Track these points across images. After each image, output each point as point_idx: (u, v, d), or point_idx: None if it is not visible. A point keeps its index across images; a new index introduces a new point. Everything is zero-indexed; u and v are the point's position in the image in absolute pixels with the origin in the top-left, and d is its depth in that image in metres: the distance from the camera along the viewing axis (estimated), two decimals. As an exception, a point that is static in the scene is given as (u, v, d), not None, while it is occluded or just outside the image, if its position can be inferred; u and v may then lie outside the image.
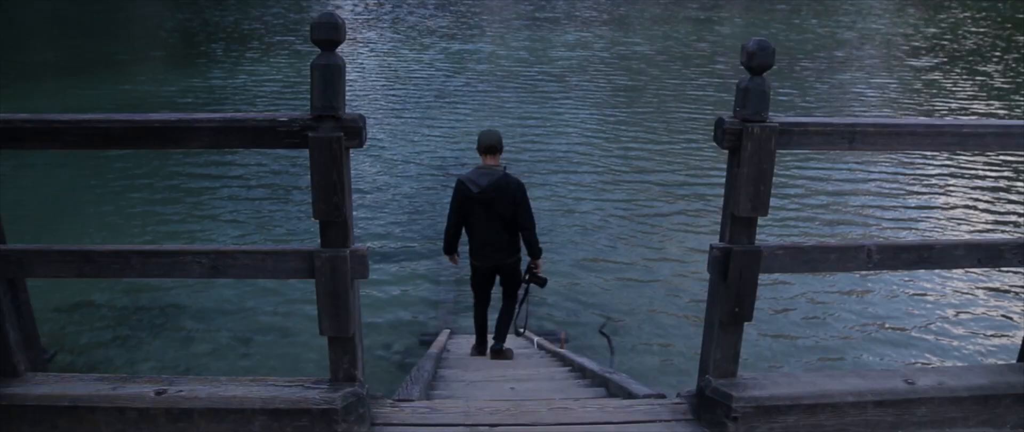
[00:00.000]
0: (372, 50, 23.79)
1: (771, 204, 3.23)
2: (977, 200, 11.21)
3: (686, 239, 9.47)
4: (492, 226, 5.43)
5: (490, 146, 5.39)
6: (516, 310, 6.07)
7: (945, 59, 24.91)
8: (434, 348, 6.30)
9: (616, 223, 10.05)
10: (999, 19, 38.76)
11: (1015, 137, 3.27)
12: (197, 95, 17.64)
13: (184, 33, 28.74)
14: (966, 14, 41.55)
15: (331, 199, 2.72)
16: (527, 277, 5.78)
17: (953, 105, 17.88)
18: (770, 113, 2.97)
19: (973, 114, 17.19)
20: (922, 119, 4.75)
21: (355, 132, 2.74)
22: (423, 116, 15.57)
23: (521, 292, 5.96)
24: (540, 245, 5.62)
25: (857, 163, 12.27)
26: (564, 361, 5.96)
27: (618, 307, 8.08)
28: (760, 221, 3.07)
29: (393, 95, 17.65)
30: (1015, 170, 12.50)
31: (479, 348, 6.24)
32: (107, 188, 11.25)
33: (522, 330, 6.51)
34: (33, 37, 28.46)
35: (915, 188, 11.72)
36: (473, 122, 14.97)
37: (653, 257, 9.09)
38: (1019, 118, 17.37)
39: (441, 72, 20.56)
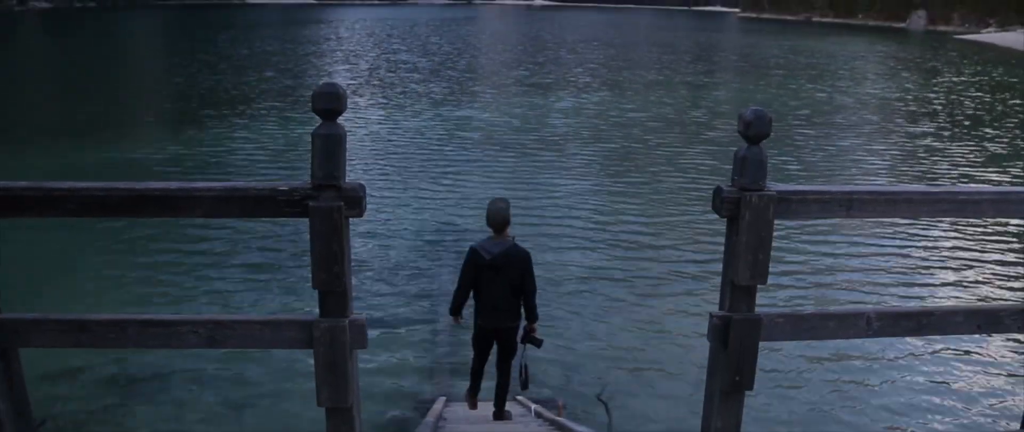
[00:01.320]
0: (365, 116, 24.00)
1: (770, 271, 3.25)
2: (975, 266, 11.22)
3: (685, 307, 9.43)
4: (500, 291, 5.86)
5: (503, 221, 5.77)
6: (515, 372, 6.29)
7: (942, 124, 25.20)
8: (430, 416, 6.27)
9: (613, 290, 10.02)
10: (993, 84, 39.34)
11: (1012, 204, 3.32)
12: (189, 159, 17.69)
13: (178, 96, 29.00)
14: (960, 78, 42.17)
15: (331, 269, 2.71)
16: (524, 338, 6.11)
17: (951, 170, 18.01)
18: (768, 181, 3.04)
19: (971, 179, 17.30)
20: (918, 186, 4.80)
21: (355, 202, 2.75)
22: (417, 183, 15.60)
23: (519, 351, 6.22)
24: (537, 311, 6.04)
25: (855, 228, 12.31)
26: (562, 429, 5.91)
27: (616, 374, 8.00)
28: (759, 287, 3.07)
29: (386, 161, 17.73)
30: (1012, 236, 12.54)
31: (472, 394, 6.55)
32: (102, 252, 11.21)
33: (523, 388, 6.56)
34: (26, 96, 28.78)
35: (913, 253, 11.74)
36: (468, 189, 15.02)
37: (652, 324, 9.04)
38: (1016, 183, 17.49)
39: (435, 138, 20.70)
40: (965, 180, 17.29)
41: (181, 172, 16.58)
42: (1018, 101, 32.32)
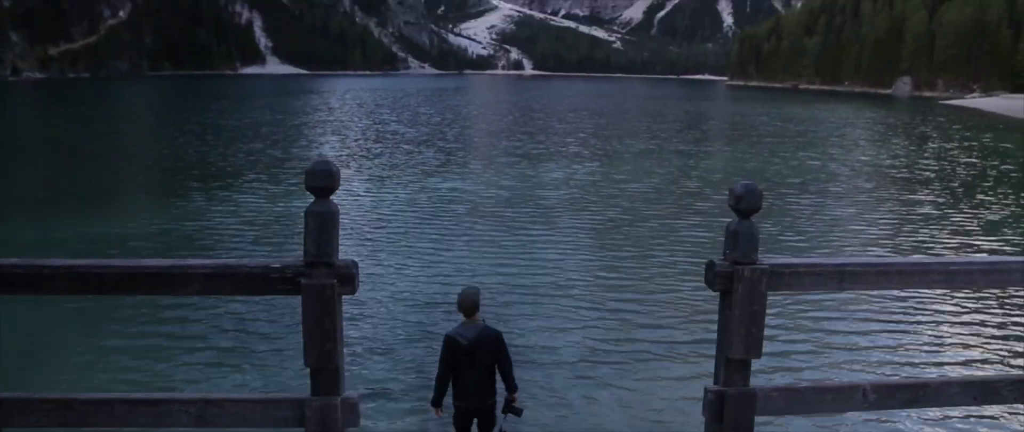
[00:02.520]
0: (353, 187, 23.95)
1: (763, 344, 3.25)
2: (970, 335, 11.13)
3: (678, 382, 9.24)
4: (478, 373, 6.21)
5: (472, 306, 6.20)
6: None
7: (935, 191, 25.22)
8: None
9: (604, 365, 9.81)
10: (983, 149, 39.82)
11: (1003, 274, 3.31)
12: (179, 232, 17.42)
13: (168, 167, 28.93)
14: (950, 144, 42.70)
15: (323, 346, 2.67)
16: (505, 408, 6.38)
17: (945, 239, 17.98)
18: (760, 255, 3.01)
19: (966, 247, 17.30)
20: (910, 258, 4.79)
21: (348, 279, 2.73)
22: (407, 256, 15.36)
23: (499, 421, 6.46)
24: (515, 382, 6.35)
25: (849, 298, 12.27)
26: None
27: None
28: (753, 361, 3.06)
29: (376, 234, 17.53)
30: (1007, 305, 12.51)
31: None
32: (90, 325, 11.09)
33: None
34: (16, 167, 28.75)
35: (907, 322, 11.64)
36: (458, 262, 14.82)
37: (644, 400, 8.82)
38: (1011, 250, 17.54)
39: (425, 210, 20.51)
40: (960, 248, 17.30)
41: (171, 246, 16.37)
42: (1008, 166, 32.50)
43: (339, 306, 2.81)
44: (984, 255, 16.55)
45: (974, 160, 34.71)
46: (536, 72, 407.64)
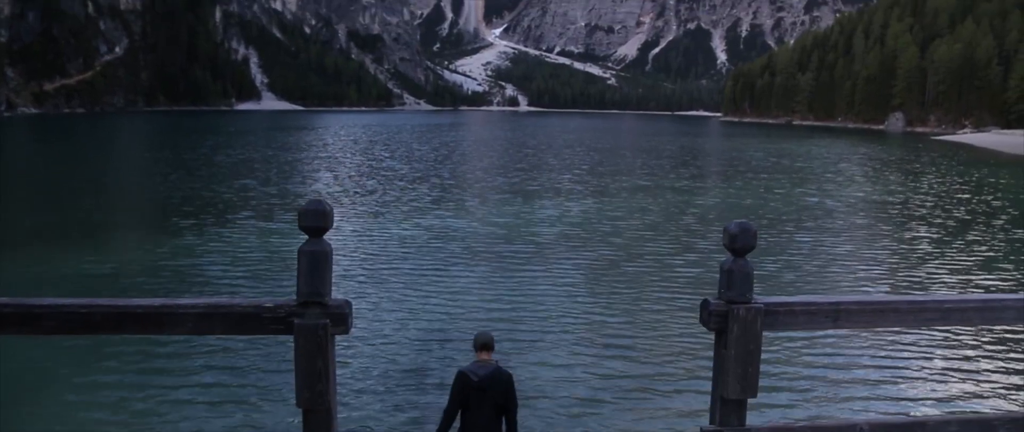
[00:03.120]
0: (347, 224, 23.89)
1: (759, 382, 3.23)
2: (967, 373, 11.08)
3: (673, 422, 9.18)
4: (485, 411, 6.25)
5: (485, 344, 6.37)
6: None
7: (931, 227, 25.21)
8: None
9: (600, 404, 9.75)
10: (977, 185, 39.93)
11: (996, 311, 3.33)
12: (169, 270, 17.23)
13: (160, 203, 28.68)
14: (944, 179, 42.84)
15: (315, 387, 2.64)
16: None
17: (941, 275, 17.95)
18: (754, 294, 3.01)
19: (960, 284, 17.27)
20: (905, 296, 4.82)
21: (341, 319, 2.72)
22: (401, 293, 15.21)
23: None
24: (518, 427, 6.42)
25: (845, 336, 12.23)
26: None
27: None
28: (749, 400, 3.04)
29: (369, 271, 17.39)
30: (1003, 342, 12.47)
31: None
32: (77, 364, 10.97)
33: None
34: (7, 202, 28.57)
35: (904, 360, 11.58)
36: (452, 300, 14.67)
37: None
38: (1006, 287, 17.49)
39: (418, 248, 20.39)
40: (955, 285, 17.25)
41: (162, 283, 16.20)
42: (1001, 202, 32.49)
43: (332, 346, 2.77)
44: (979, 292, 16.51)
45: (968, 195, 34.83)
46: (531, 108, 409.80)
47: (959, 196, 34.69)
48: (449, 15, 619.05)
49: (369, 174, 40.61)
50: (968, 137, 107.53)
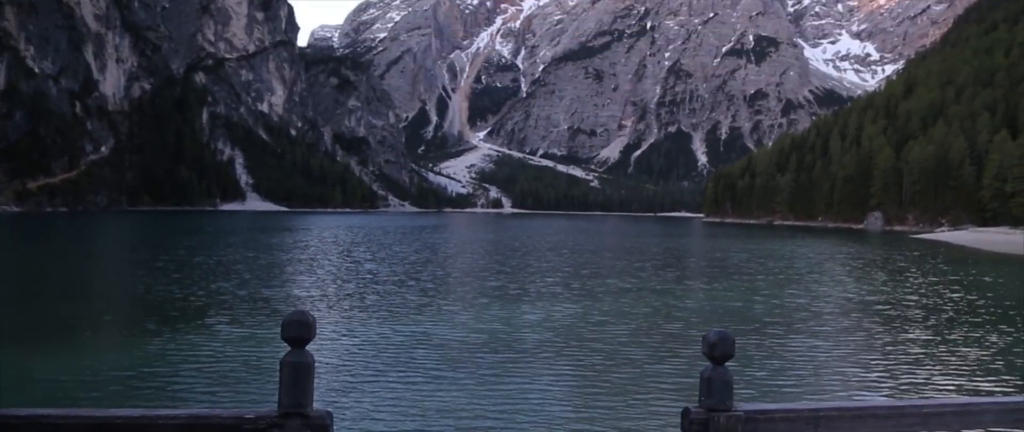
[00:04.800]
0: (324, 330, 23.46)
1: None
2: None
3: None
4: None
5: None
6: None
7: (912, 327, 25.04)
8: None
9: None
10: (958, 283, 39.97)
11: (974, 415, 3.35)
12: (146, 377, 16.74)
13: (138, 306, 28.19)
14: (926, 278, 42.89)
15: None
16: None
17: (930, 379, 17.62)
18: (735, 401, 3.07)
19: (943, 387, 16.96)
20: (885, 401, 4.58)
21: (322, 430, 2.78)
22: (381, 403, 14.77)
23: None
24: None
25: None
26: None
27: None
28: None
29: (350, 381, 17.00)
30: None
31: None
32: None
33: None
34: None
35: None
36: (434, 408, 14.28)
37: None
38: (992, 388, 17.15)
39: (398, 354, 19.82)
40: (940, 387, 16.91)
41: (140, 392, 15.67)
42: (983, 301, 32.54)
43: None
44: (956, 396, 16.20)
45: (950, 294, 34.76)
46: (515, 210, 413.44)
47: (943, 295, 34.61)
48: (434, 118, 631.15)
49: (348, 277, 40.21)
50: (946, 235, 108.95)
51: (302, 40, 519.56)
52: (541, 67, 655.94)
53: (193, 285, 34.81)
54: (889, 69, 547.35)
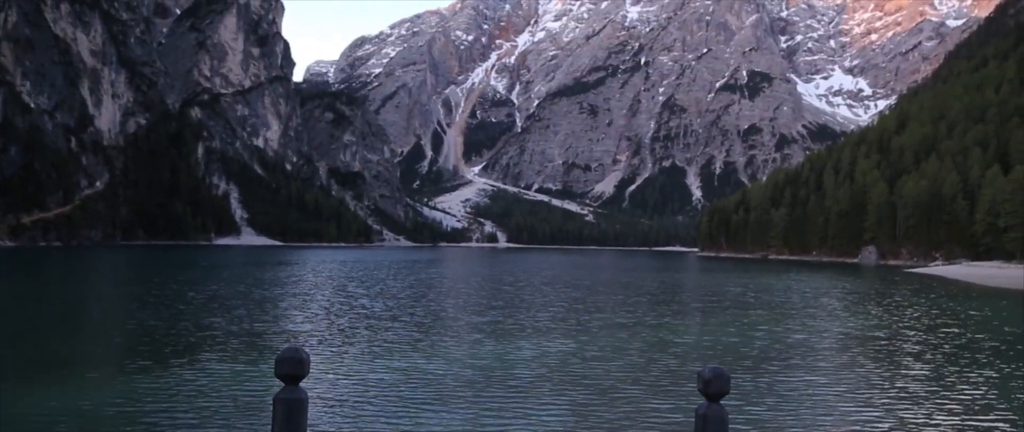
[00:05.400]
0: (318, 366, 23.19)
1: None
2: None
3: None
4: None
5: None
6: None
7: (908, 363, 24.81)
8: None
9: None
10: (954, 318, 39.71)
11: None
12: (136, 415, 16.59)
13: (129, 340, 27.78)
14: (925, 313, 42.69)
15: None
16: None
17: (920, 415, 17.45)
18: None
19: (948, 425, 16.74)
20: None
21: None
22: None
23: None
24: None
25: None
26: None
27: None
28: None
29: (343, 417, 16.85)
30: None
31: None
32: None
33: None
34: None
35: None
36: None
37: None
38: (992, 425, 16.94)
39: (392, 392, 19.55)
40: (939, 425, 16.73)
41: (133, 427, 15.60)
42: (982, 335, 32.29)
43: None
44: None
45: (948, 330, 34.56)
46: (510, 244, 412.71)
47: (941, 331, 34.42)
48: (429, 153, 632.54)
49: (341, 312, 39.89)
50: (940, 269, 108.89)
51: (298, 75, 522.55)
52: (536, 102, 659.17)
53: (185, 320, 34.48)
54: (881, 104, 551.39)
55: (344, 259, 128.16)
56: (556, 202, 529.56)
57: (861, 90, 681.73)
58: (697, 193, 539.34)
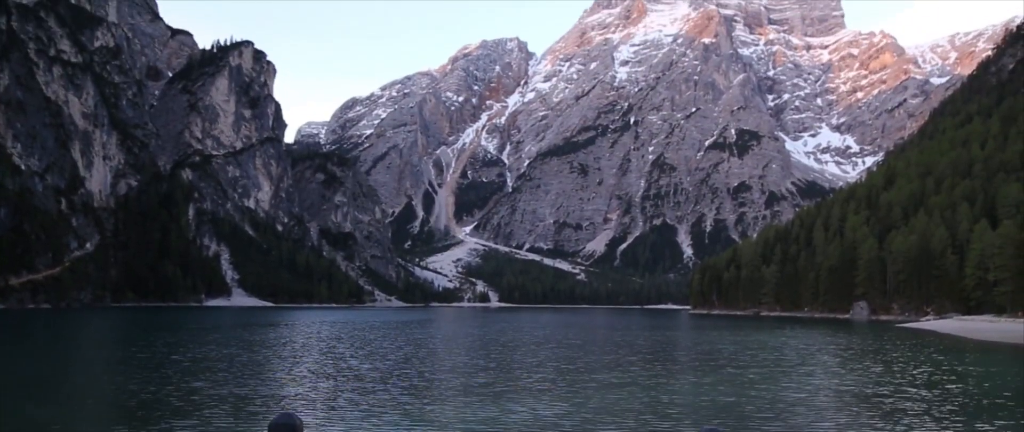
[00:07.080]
0: (309, 429, 22.68)
1: None
2: None
3: None
4: None
5: None
6: None
7: (917, 420, 24.50)
8: None
9: None
10: (952, 373, 39.31)
11: None
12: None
13: (113, 406, 27.27)
14: (921, 369, 42.25)
15: None
16: None
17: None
18: None
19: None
20: None
21: None
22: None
23: None
24: None
25: None
26: None
27: None
28: None
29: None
30: None
31: None
32: None
33: None
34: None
35: None
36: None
37: None
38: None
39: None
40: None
41: None
42: (979, 390, 32.06)
43: None
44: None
45: (947, 384, 34.14)
46: (502, 304, 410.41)
47: (941, 387, 33.97)
48: (420, 213, 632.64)
49: (329, 374, 39.18)
50: (932, 324, 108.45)
51: (289, 136, 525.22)
52: (526, 162, 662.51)
53: (171, 384, 33.77)
54: (869, 161, 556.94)
55: (335, 320, 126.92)
56: (547, 261, 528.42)
57: (849, 147, 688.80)
58: (688, 251, 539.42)
